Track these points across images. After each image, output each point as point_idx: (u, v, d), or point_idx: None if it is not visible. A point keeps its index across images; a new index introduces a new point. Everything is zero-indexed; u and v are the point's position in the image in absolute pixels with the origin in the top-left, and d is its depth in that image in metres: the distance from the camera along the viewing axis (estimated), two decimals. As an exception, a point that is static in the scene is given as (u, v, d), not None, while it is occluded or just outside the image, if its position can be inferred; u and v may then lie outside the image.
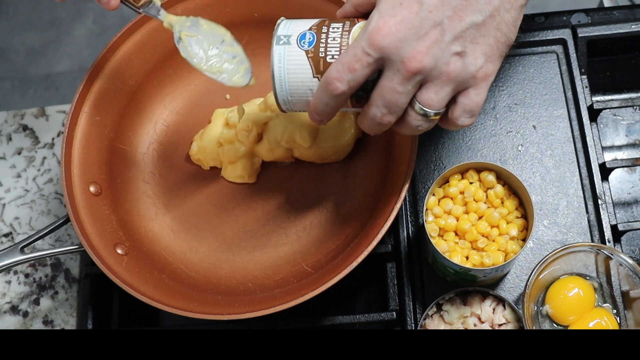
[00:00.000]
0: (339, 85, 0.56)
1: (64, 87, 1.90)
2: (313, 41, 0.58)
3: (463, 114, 0.58)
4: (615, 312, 0.67)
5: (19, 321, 0.81)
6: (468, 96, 0.57)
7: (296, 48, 0.59)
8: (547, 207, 0.76)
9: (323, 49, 0.58)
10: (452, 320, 0.69)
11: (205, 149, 0.79)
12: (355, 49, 0.55)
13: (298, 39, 0.59)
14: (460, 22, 0.54)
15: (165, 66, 0.82)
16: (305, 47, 0.59)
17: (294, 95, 0.60)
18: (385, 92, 0.56)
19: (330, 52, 0.58)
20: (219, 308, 0.70)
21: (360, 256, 0.65)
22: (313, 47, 0.58)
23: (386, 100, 0.56)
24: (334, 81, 0.56)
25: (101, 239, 0.72)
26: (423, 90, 0.56)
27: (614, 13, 0.85)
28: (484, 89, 0.57)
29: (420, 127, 0.59)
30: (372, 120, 0.59)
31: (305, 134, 0.75)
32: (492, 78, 0.58)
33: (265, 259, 0.76)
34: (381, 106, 0.57)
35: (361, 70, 0.55)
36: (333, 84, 0.56)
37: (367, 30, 0.54)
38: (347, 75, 0.55)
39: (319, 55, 0.58)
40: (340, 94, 0.57)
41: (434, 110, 0.57)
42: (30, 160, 0.88)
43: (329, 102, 0.58)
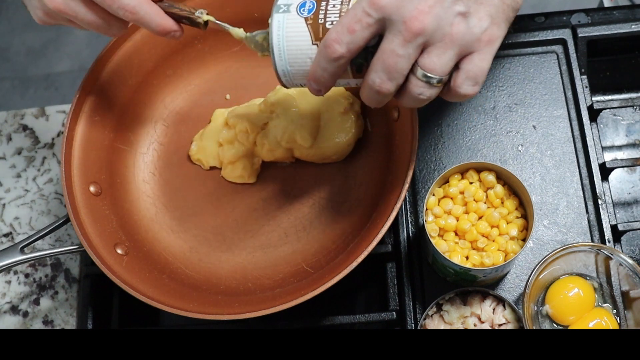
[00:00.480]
0: (338, 47, 0.54)
1: (64, 87, 1.90)
2: (313, 8, 0.57)
3: (466, 80, 0.55)
4: (615, 312, 0.67)
5: (19, 321, 0.81)
6: (472, 61, 0.55)
7: (295, 15, 0.57)
8: (547, 207, 0.76)
9: (323, 15, 0.57)
10: (452, 320, 0.69)
11: (205, 149, 0.79)
12: (355, 10, 0.53)
13: (298, 6, 0.58)
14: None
15: (165, 66, 0.82)
16: (305, 14, 0.57)
17: (293, 64, 0.59)
18: (386, 56, 0.53)
19: (329, 18, 0.56)
20: (219, 308, 0.70)
21: (360, 256, 0.65)
22: (313, 14, 0.57)
23: (386, 64, 0.54)
24: (332, 43, 0.54)
25: (101, 239, 0.72)
26: (425, 55, 0.53)
27: (614, 13, 0.85)
28: (489, 54, 0.55)
29: (422, 96, 0.56)
30: (371, 89, 0.56)
31: (306, 134, 0.75)
32: (498, 44, 0.55)
33: (265, 259, 0.76)
34: (380, 71, 0.54)
35: (361, 32, 0.53)
36: (332, 47, 0.54)
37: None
38: (347, 37, 0.53)
39: (319, 21, 0.57)
40: (339, 57, 0.54)
41: (436, 76, 0.54)
42: (30, 160, 0.88)
43: (327, 67, 0.55)
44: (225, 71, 0.84)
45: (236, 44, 0.83)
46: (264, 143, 0.77)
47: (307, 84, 0.59)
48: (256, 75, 0.83)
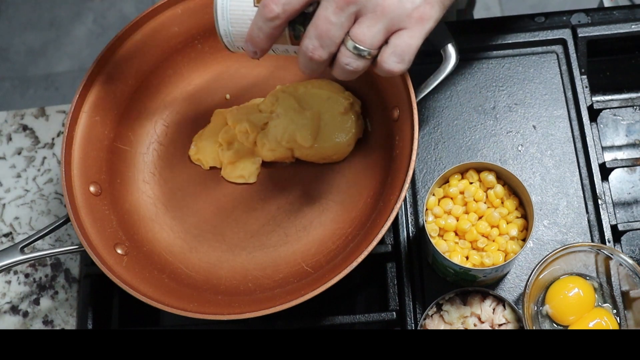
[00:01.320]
0: (274, 7, 0.55)
1: (64, 87, 1.90)
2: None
3: (392, 56, 0.56)
4: (615, 312, 0.67)
5: (19, 321, 0.81)
6: (400, 37, 0.55)
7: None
8: (547, 207, 0.76)
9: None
10: (452, 320, 0.69)
11: (205, 149, 0.79)
12: None
13: None
14: None
15: (165, 66, 0.82)
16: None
17: (235, 25, 0.60)
18: (319, 22, 0.55)
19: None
20: (219, 308, 0.70)
21: (360, 256, 0.65)
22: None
23: (319, 30, 0.55)
24: (269, 3, 0.55)
25: (101, 239, 0.72)
26: (356, 25, 0.55)
27: (614, 13, 0.85)
28: (419, 32, 0.55)
29: (349, 67, 0.57)
30: (305, 55, 0.57)
31: (307, 134, 0.75)
32: (430, 25, 0.56)
33: (265, 259, 0.76)
34: (314, 38, 0.55)
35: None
36: (269, 6, 0.55)
37: None
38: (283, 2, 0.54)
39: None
40: (275, 17, 0.55)
41: (366, 49, 0.55)
42: (30, 160, 0.88)
43: (263, 26, 0.56)
44: (225, 71, 0.84)
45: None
46: (264, 143, 0.77)
47: (245, 46, 0.60)
48: (256, 75, 0.83)
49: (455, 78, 0.81)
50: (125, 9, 1.97)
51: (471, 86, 0.82)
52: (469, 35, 0.83)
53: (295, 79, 0.81)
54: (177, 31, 0.81)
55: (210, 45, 0.83)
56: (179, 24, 0.80)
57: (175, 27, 0.80)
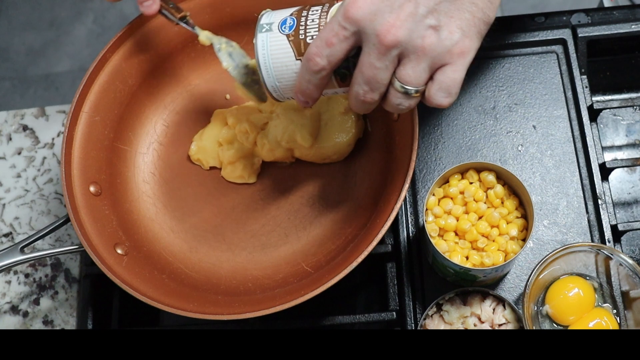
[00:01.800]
0: (319, 60, 0.56)
1: (64, 87, 1.90)
2: (293, 25, 0.59)
3: (439, 91, 0.57)
4: (615, 312, 0.67)
5: (19, 321, 0.81)
6: (444, 73, 0.56)
7: (278, 33, 0.60)
8: (547, 207, 0.76)
9: (303, 31, 0.59)
10: (452, 320, 0.69)
11: (205, 149, 0.79)
12: (332, 24, 0.55)
13: (279, 25, 0.60)
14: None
15: (165, 66, 0.82)
16: (286, 31, 0.60)
17: (281, 80, 0.61)
18: (365, 68, 0.56)
19: (309, 32, 0.59)
20: (219, 308, 0.70)
21: (360, 256, 0.65)
22: (293, 30, 0.59)
23: (366, 76, 0.56)
24: (313, 57, 0.56)
25: (101, 239, 0.72)
26: (401, 67, 0.56)
27: (614, 13, 0.85)
28: (462, 66, 0.57)
29: (401, 106, 0.58)
30: (356, 99, 0.58)
31: (306, 134, 0.75)
32: (471, 56, 0.57)
33: (265, 259, 0.76)
34: (362, 83, 0.57)
35: (339, 45, 0.55)
36: (313, 60, 0.56)
37: (342, 5, 0.54)
38: (326, 50, 0.56)
39: (299, 37, 0.59)
40: (321, 69, 0.57)
41: (413, 88, 0.56)
42: (30, 160, 0.88)
43: (311, 79, 0.58)
44: (225, 71, 0.84)
45: (236, 44, 0.83)
46: (264, 143, 0.77)
47: (295, 97, 0.61)
48: (256, 75, 0.83)
49: (455, 78, 0.81)
50: (125, 9, 1.97)
51: (471, 86, 0.82)
52: (469, 35, 0.83)
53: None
54: (177, 31, 0.81)
55: (210, 46, 0.83)
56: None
57: (175, 27, 0.80)
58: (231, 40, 0.75)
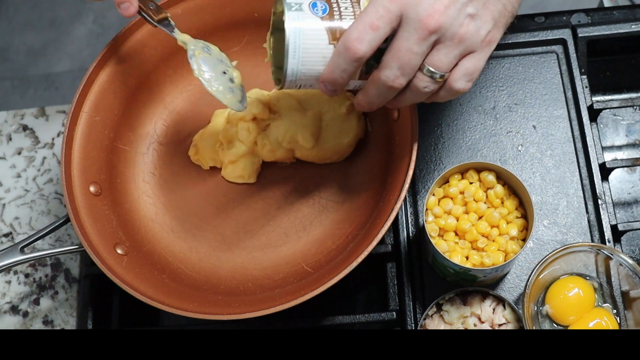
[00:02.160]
0: (361, 46, 0.55)
1: (64, 87, 1.90)
2: (326, 9, 0.57)
3: (463, 76, 0.58)
4: (615, 312, 0.67)
5: (19, 321, 0.81)
6: (471, 60, 0.57)
7: (310, 14, 0.57)
8: (547, 207, 0.76)
9: (338, 15, 0.57)
10: (452, 320, 0.69)
11: (205, 149, 0.79)
12: (375, 7, 0.54)
13: (310, 5, 0.57)
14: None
15: (165, 66, 0.82)
16: (320, 13, 0.57)
17: (306, 64, 0.58)
18: (401, 53, 0.55)
19: (345, 19, 0.57)
20: (219, 308, 0.70)
21: (360, 256, 0.65)
22: (327, 14, 0.57)
23: (402, 61, 0.56)
24: (355, 43, 0.54)
25: (101, 239, 0.72)
26: (434, 52, 0.56)
27: (614, 13, 0.85)
28: (487, 55, 0.58)
29: (426, 89, 0.58)
30: (384, 85, 0.57)
31: (308, 135, 0.75)
32: (494, 46, 0.59)
33: (265, 259, 0.76)
34: (395, 68, 0.56)
35: (383, 28, 0.54)
36: (354, 46, 0.55)
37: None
38: (370, 35, 0.54)
39: (334, 20, 0.57)
40: (362, 56, 0.55)
41: (441, 72, 0.57)
42: (30, 160, 0.88)
43: (347, 67, 0.56)
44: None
45: (236, 44, 0.83)
46: (265, 143, 0.77)
47: (321, 86, 0.59)
48: (256, 75, 0.83)
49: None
50: (126, 10, 1.97)
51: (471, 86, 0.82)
52: (469, 35, 0.83)
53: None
54: (177, 31, 0.81)
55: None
56: (179, 24, 0.80)
57: (175, 27, 0.80)
58: (210, 45, 0.73)
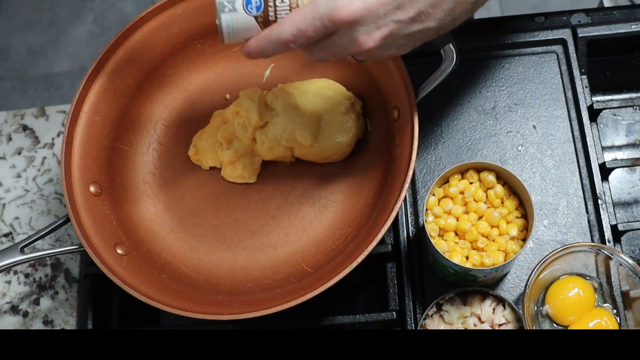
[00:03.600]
0: (292, 45, 0.58)
1: (64, 87, 1.90)
2: (261, 6, 0.59)
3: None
4: (615, 312, 0.67)
5: (19, 321, 0.81)
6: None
7: (244, 14, 0.59)
8: (547, 207, 0.76)
9: (272, 12, 0.59)
10: (452, 320, 0.69)
11: (204, 149, 0.79)
12: (313, 18, 0.56)
13: (244, 4, 0.59)
14: (419, 24, 0.58)
15: (165, 66, 0.82)
16: (254, 12, 0.59)
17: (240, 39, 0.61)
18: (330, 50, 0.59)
19: (280, 15, 0.59)
20: (219, 308, 0.70)
21: (360, 256, 0.65)
22: (262, 12, 0.59)
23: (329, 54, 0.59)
24: (288, 42, 0.58)
25: (101, 239, 0.72)
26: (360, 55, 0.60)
27: (614, 13, 0.85)
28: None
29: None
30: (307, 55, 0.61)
31: (306, 133, 0.75)
32: None
33: (265, 259, 0.76)
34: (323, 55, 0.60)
35: (316, 37, 0.57)
36: (287, 44, 0.58)
37: (331, 4, 0.56)
38: (302, 40, 0.58)
39: (269, 18, 0.59)
40: (290, 48, 0.59)
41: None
42: (30, 160, 0.88)
43: (276, 50, 0.59)
44: (225, 71, 0.84)
45: (236, 44, 0.83)
46: (263, 141, 0.77)
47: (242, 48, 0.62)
48: (256, 75, 0.83)
49: (455, 78, 0.81)
50: (125, 9, 1.97)
51: (471, 86, 0.82)
52: (469, 35, 0.83)
53: (297, 78, 0.81)
54: (177, 31, 0.81)
55: (210, 45, 0.83)
56: (179, 24, 0.80)
57: (175, 27, 0.80)
58: None
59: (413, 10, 0.57)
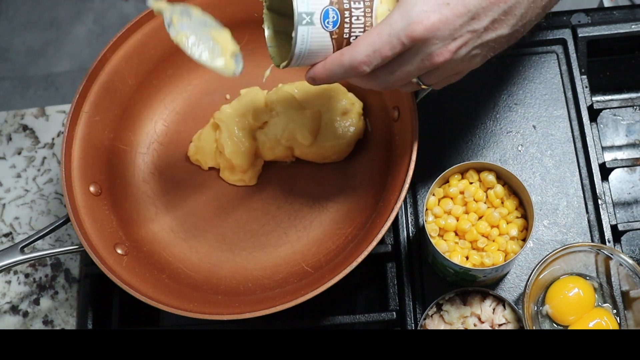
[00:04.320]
0: (366, 68, 0.56)
1: (64, 87, 1.90)
2: (337, 21, 0.57)
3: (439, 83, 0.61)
4: (615, 312, 0.67)
5: (19, 321, 0.81)
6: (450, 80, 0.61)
7: (320, 29, 0.57)
8: (547, 207, 0.76)
9: (347, 29, 0.57)
10: (452, 320, 0.69)
11: (203, 149, 0.79)
12: (390, 36, 0.54)
13: (322, 17, 0.57)
14: (493, 32, 0.56)
15: (165, 66, 0.82)
16: (330, 27, 0.57)
17: (306, 62, 0.59)
18: (400, 72, 0.57)
19: (354, 33, 0.57)
20: (219, 308, 0.70)
21: (360, 256, 0.65)
22: (338, 27, 0.57)
23: (397, 77, 0.57)
24: (361, 65, 0.56)
25: (101, 239, 0.72)
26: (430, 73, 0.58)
27: (614, 13, 0.85)
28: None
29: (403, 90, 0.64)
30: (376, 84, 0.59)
31: (306, 132, 0.75)
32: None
33: (265, 259, 0.76)
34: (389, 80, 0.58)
35: (391, 57, 0.55)
36: (360, 67, 0.56)
37: (407, 20, 0.54)
38: (377, 61, 0.55)
39: (344, 36, 0.57)
40: (363, 75, 0.57)
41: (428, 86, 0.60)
42: (30, 160, 0.88)
43: (346, 75, 0.57)
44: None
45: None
46: (264, 140, 0.77)
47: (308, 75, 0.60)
48: (256, 75, 0.83)
49: (455, 78, 0.81)
50: (125, 9, 1.97)
51: (471, 86, 0.82)
52: (469, 35, 0.83)
53: (297, 78, 0.81)
54: (177, 31, 0.81)
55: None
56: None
57: (175, 27, 0.80)
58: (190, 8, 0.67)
59: (487, 19, 0.55)
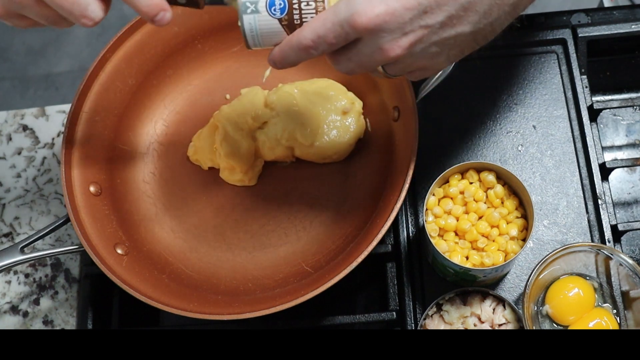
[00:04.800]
0: (314, 52, 0.55)
1: (64, 87, 1.90)
2: (285, 7, 0.56)
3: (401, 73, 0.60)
4: (615, 312, 0.67)
5: (19, 321, 0.81)
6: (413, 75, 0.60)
7: (267, 17, 0.56)
8: (547, 207, 0.76)
9: (297, 15, 0.56)
10: (452, 320, 0.69)
11: (203, 149, 0.79)
12: (333, 24, 0.53)
13: (267, 5, 0.56)
14: (451, 29, 0.54)
15: (165, 66, 0.82)
16: (278, 14, 0.56)
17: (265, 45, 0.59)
18: (357, 60, 0.56)
19: (305, 18, 0.56)
20: (219, 308, 0.70)
21: (360, 256, 0.65)
22: (286, 14, 0.56)
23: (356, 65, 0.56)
24: (309, 48, 0.55)
25: (101, 239, 0.72)
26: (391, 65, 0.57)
27: (614, 13, 0.85)
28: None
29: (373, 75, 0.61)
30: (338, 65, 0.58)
31: (306, 132, 0.76)
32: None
33: (265, 259, 0.76)
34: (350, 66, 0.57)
35: (337, 44, 0.54)
36: (308, 50, 0.55)
37: (351, 9, 0.52)
38: (324, 46, 0.55)
39: (294, 22, 0.56)
40: (312, 55, 0.56)
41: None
42: (30, 160, 0.88)
43: (299, 57, 0.57)
44: (225, 71, 0.84)
45: (236, 44, 0.83)
46: (264, 140, 0.77)
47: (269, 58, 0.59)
48: (256, 75, 0.83)
49: (456, 78, 0.81)
50: (125, 9, 1.96)
51: (471, 86, 0.82)
52: (469, 35, 0.83)
53: (297, 78, 0.81)
54: (177, 31, 0.81)
55: (210, 46, 0.83)
56: (179, 24, 0.81)
57: (175, 27, 0.80)
58: None
59: (442, 14, 0.52)
